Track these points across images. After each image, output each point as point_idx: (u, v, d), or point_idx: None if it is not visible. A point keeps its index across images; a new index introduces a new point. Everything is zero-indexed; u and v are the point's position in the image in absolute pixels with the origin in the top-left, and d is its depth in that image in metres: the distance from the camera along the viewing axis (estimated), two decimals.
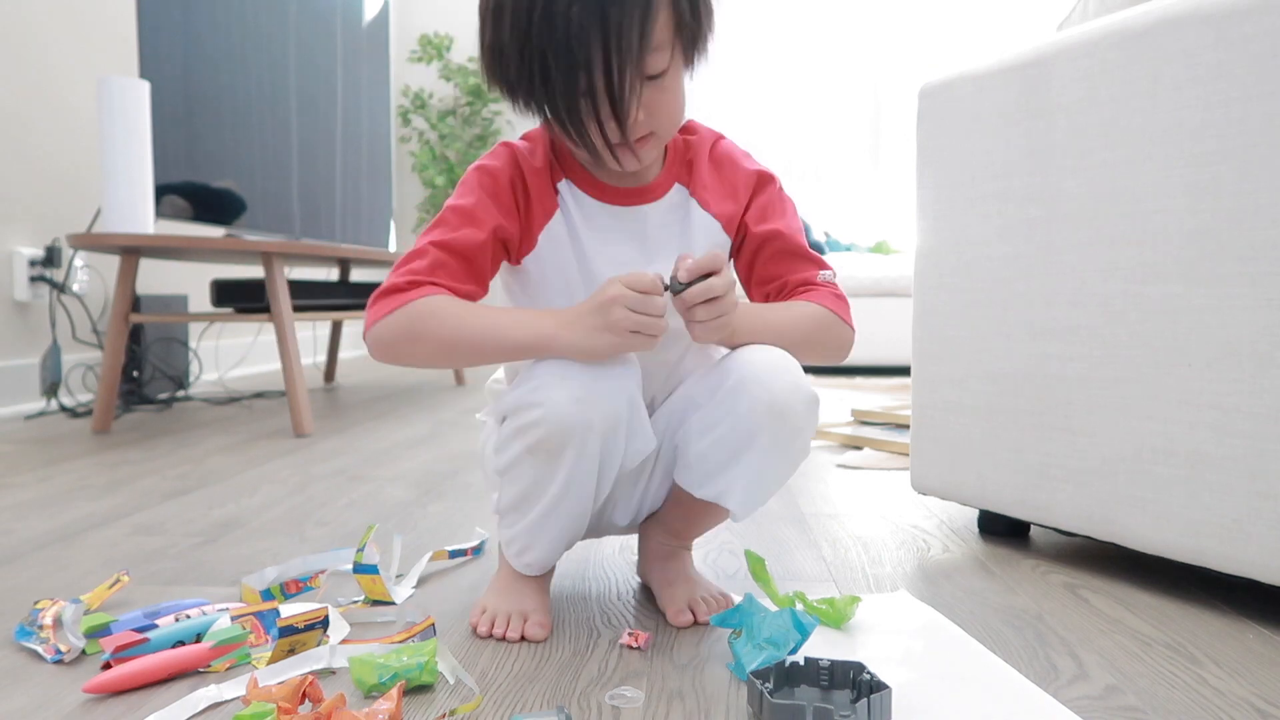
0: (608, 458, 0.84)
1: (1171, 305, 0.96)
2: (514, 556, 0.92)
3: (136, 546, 1.19)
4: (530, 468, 0.85)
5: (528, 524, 0.88)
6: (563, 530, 0.89)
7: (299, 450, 1.92)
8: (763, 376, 0.84)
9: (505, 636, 0.86)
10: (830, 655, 0.73)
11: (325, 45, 3.04)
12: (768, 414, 0.83)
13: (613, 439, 0.83)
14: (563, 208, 0.90)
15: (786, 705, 0.65)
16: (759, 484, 0.87)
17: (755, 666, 0.72)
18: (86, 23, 2.67)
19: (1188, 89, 0.94)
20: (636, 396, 0.84)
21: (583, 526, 0.90)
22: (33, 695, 0.75)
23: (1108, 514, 1.04)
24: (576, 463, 0.83)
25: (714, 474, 0.87)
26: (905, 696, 0.72)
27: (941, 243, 1.25)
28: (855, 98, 5.02)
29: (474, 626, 0.89)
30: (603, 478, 0.86)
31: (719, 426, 0.86)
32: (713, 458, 0.86)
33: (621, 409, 0.82)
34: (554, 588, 1.01)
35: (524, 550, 0.91)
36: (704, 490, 0.88)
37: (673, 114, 0.85)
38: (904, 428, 2.07)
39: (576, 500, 0.86)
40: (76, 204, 2.56)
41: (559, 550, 0.92)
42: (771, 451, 0.85)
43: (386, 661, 0.74)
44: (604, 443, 0.83)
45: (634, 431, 0.85)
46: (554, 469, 0.83)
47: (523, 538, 0.90)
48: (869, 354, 3.80)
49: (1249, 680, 0.79)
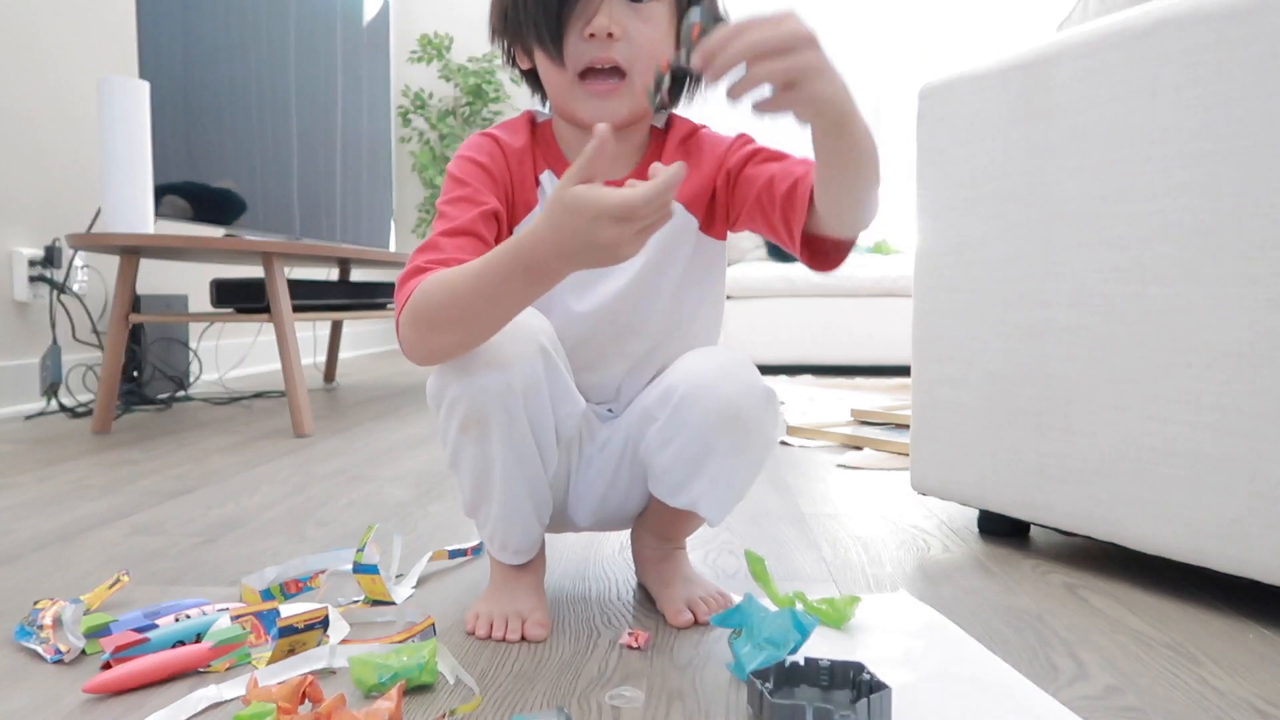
0: (537, 421, 0.82)
1: (1171, 305, 0.96)
2: (498, 551, 0.92)
3: (136, 546, 1.19)
4: (470, 448, 0.83)
5: (493, 511, 0.88)
6: (529, 507, 0.88)
7: (299, 450, 1.92)
8: (711, 384, 0.83)
9: (505, 638, 0.86)
10: (830, 655, 0.73)
11: (325, 45, 3.04)
12: (721, 421, 0.83)
13: (535, 398, 0.81)
14: (542, 200, 0.89)
15: (786, 705, 0.65)
16: (728, 488, 0.86)
17: (755, 666, 0.72)
18: (86, 23, 2.67)
19: (1187, 89, 0.94)
20: (552, 357, 0.82)
21: (548, 499, 0.90)
22: (33, 695, 0.75)
23: (1108, 514, 1.04)
24: (508, 429, 0.81)
25: (683, 484, 0.87)
26: (905, 696, 0.72)
27: (941, 243, 1.25)
28: (854, 97, 5.02)
29: (471, 632, 0.88)
30: (542, 445, 0.84)
31: (676, 439, 0.85)
32: (677, 470, 0.86)
33: (537, 367, 0.81)
34: (554, 588, 1.01)
35: (503, 540, 0.90)
36: (677, 500, 0.88)
37: (650, 51, 0.81)
38: (904, 428, 2.07)
39: (525, 472, 0.85)
40: (76, 204, 2.56)
41: (534, 531, 0.91)
42: (732, 455, 0.85)
43: (386, 661, 0.74)
44: (528, 404, 0.81)
45: (557, 393, 0.83)
46: (489, 442, 0.82)
47: (495, 526, 0.89)
48: (869, 354, 3.80)
49: (1249, 680, 0.79)
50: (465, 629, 0.89)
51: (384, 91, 3.52)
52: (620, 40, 0.80)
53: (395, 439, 2.08)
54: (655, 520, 0.97)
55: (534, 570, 0.95)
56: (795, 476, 1.67)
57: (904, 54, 4.97)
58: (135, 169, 2.03)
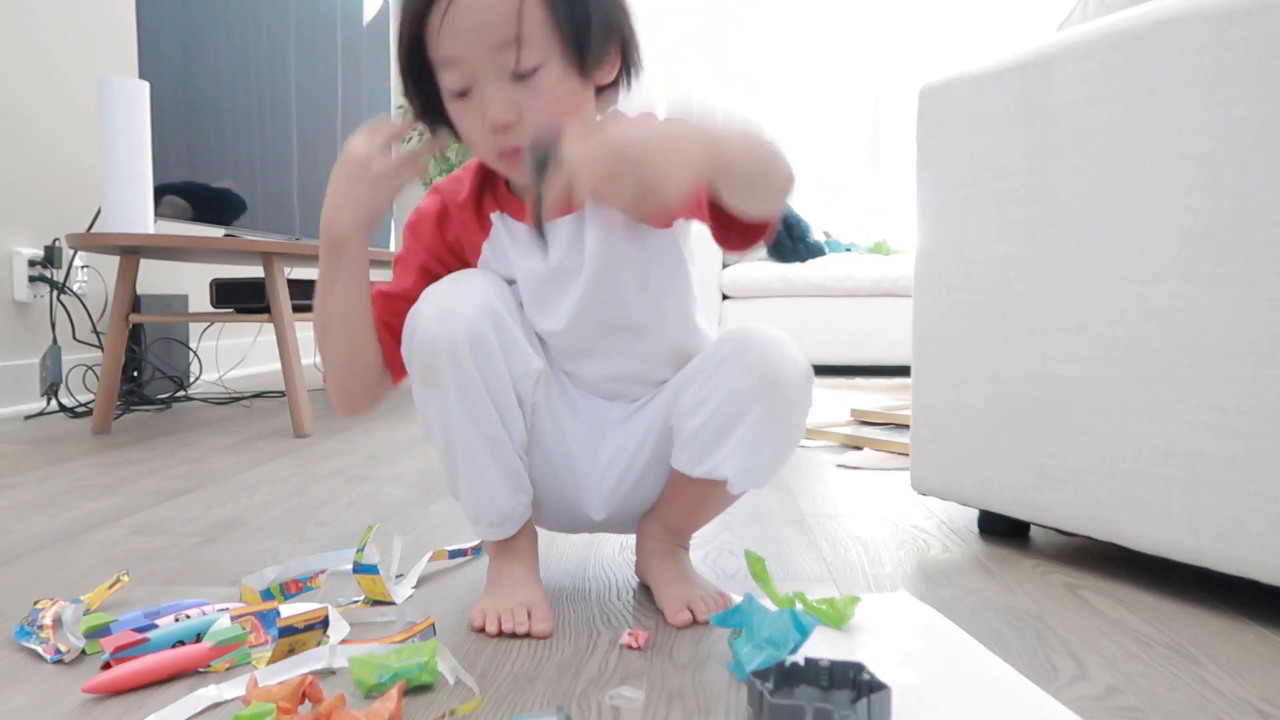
0: (487, 372, 0.84)
1: (1171, 305, 0.96)
2: (481, 526, 0.93)
3: (136, 546, 1.19)
4: (432, 406, 0.87)
5: (461, 474, 0.89)
6: (495, 471, 0.88)
7: (299, 450, 1.92)
8: (757, 346, 0.85)
9: (514, 631, 0.86)
10: (830, 655, 0.73)
11: (326, 45, 3.04)
12: (760, 384, 0.84)
13: (483, 352, 0.84)
14: (493, 236, 0.91)
15: (786, 705, 0.65)
16: (756, 454, 0.86)
17: (755, 666, 0.72)
18: (86, 23, 2.67)
19: (1187, 89, 0.94)
20: (499, 311, 0.85)
21: (518, 469, 0.90)
22: (32, 695, 0.75)
23: (1108, 514, 1.04)
24: (458, 380, 0.84)
25: (709, 448, 0.87)
26: (905, 697, 0.72)
27: (941, 243, 1.25)
28: (855, 98, 5.02)
29: (480, 629, 0.88)
30: (497, 399, 0.86)
31: (711, 400, 0.86)
32: (706, 432, 0.86)
33: (484, 321, 0.84)
34: (554, 587, 1.01)
35: (476, 509, 0.91)
36: (700, 467, 0.88)
37: (551, 117, 0.77)
38: (904, 428, 2.07)
39: (483, 429, 0.86)
40: (76, 204, 2.56)
41: (505, 500, 0.91)
42: (767, 422, 0.85)
43: (386, 662, 0.74)
44: (476, 357, 0.83)
45: (509, 347, 0.86)
46: (444, 395, 0.85)
47: (466, 494, 0.90)
48: (869, 354, 3.80)
49: (1249, 680, 0.79)
50: (473, 627, 0.88)
51: (384, 91, 3.52)
52: (518, 124, 0.79)
53: (395, 439, 2.08)
54: (667, 509, 0.97)
55: (525, 561, 0.95)
56: (795, 476, 1.67)
57: (904, 54, 4.97)
58: (135, 169, 2.03)
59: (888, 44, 4.99)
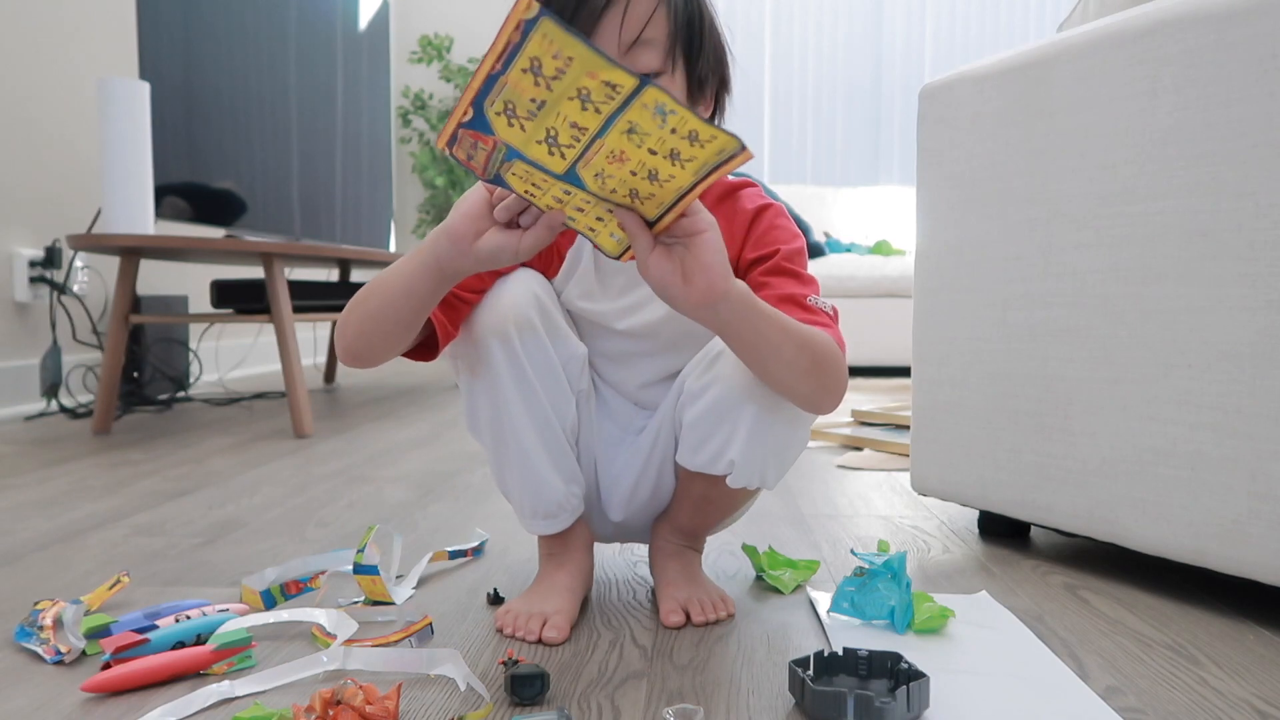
0: (538, 357, 0.86)
1: (1171, 305, 0.96)
2: (535, 520, 0.92)
3: (136, 547, 1.19)
4: (482, 395, 0.88)
5: (512, 463, 0.89)
6: (544, 457, 0.88)
7: (299, 451, 1.92)
8: None
9: (523, 638, 0.86)
10: (924, 659, 0.75)
11: (325, 46, 3.04)
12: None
13: (530, 333, 0.86)
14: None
15: (829, 692, 0.66)
16: (755, 446, 0.85)
17: (834, 609, 0.88)
18: (87, 23, 2.67)
19: (1188, 90, 0.94)
20: (543, 298, 0.87)
21: (567, 453, 0.90)
22: (33, 696, 0.75)
23: (1108, 514, 1.04)
24: (509, 360, 0.85)
25: (706, 438, 0.86)
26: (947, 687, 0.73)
27: (941, 243, 1.25)
28: (855, 98, 5.03)
29: (499, 629, 0.89)
30: (547, 384, 0.87)
31: (712, 388, 0.86)
32: (706, 420, 0.86)
33: (529, 307, 0.86)
34: None
35: (525, 499, 0.91)
36: (698, 457, 0.87)
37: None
38: (904, 428, 2.07)
39: (533, 412, 0.87)
40: (76, 204, 2.56)
41: (557, 489, 0.90)
42: (767, 410, 0.84)
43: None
44: (522, 336, 0.85)
45: (553, 333, 0.88)
46: (495, 378, 0.86)
47: (516, 483, 0.90)
48: (869, 354, 3.80)
49: (1249, 681, 0.79)
50: (495, 625, 0.90)
51: (384, 92, 3.52)
52: None
53: (395, 440, 2.08)
54: (676, 509, 0.97)
55: (569, 568, 0.94)
56: (795, 476, 1.67)
57: (904, 54, 4.97)
58: (135, 169, 2.03)
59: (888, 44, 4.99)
